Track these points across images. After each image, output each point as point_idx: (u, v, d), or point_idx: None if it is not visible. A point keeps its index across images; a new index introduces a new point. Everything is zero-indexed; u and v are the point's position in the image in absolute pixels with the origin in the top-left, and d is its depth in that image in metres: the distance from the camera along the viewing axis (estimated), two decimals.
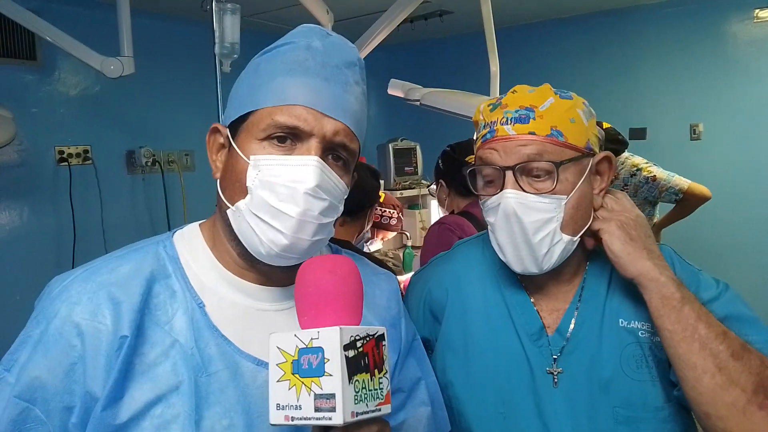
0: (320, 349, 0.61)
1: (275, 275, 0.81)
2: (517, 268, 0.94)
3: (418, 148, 3.77)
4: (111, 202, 3.51)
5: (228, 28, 1.64)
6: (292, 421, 0.62)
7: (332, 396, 0.59)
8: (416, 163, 3.74)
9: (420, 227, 3.55)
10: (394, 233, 2.77)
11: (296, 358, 0.63)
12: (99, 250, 3.35)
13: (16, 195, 3.21)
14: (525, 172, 0.90)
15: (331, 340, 0.61)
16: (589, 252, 0.99)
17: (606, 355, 0.93)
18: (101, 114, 3.53)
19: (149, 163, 3.64)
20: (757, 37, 4.01)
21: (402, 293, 1.02)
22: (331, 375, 0.60)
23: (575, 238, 0.92)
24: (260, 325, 0.79)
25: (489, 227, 0.96)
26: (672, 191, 3.23)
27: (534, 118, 0.90)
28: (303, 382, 0.62)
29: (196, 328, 0.75)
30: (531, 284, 1.01)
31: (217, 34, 1.67)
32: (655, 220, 3.46)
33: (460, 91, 2.19)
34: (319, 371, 0.61)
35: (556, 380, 0.94)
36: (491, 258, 1.04)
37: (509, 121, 0.91)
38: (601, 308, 0.96)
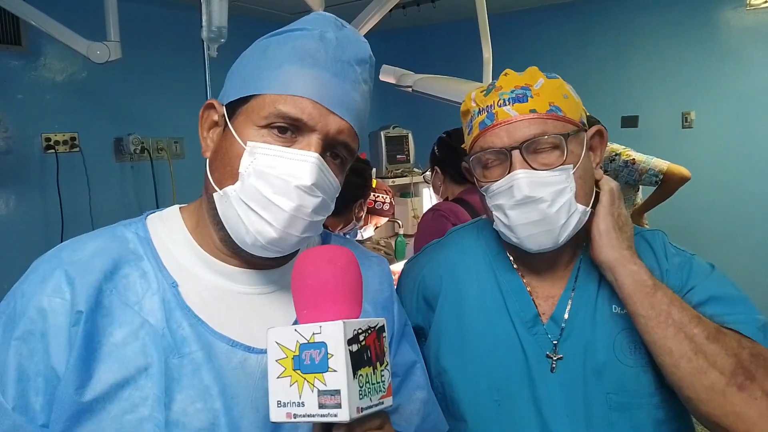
0: (323, 344, 0.59)
1: (257, 260, 0.79)
2: (532, 246, 0.92)
3: (410, 135, 3.75)
4: (99, 190, 3.47)
5: (215, 12, 1.61)
6: (295, 418, 0.60)
7: (337, 392, 0.58)
8: (408, 150, 3.72)
9: (412, 215, 3.54)
10: (386, 219, 2.77)
11: (297, 353, 0.61)
12: None
13: (2, 183, 3.17)
14: (531, 149, 0.89)
15: (334, 334, 0.59)
16: (583, 238, 0.98)
17: (600, 341, 0.93)
18: (88, 101, 3.48)
19: (138, 151, 3.60)
20: (749, 24, 4.01)
21: (394, 282, 1.01)
22: (335, 371, 0.58)
23: (588, 209, 0.93)
24: (239, 308, 0.77)
25: (495, 211, 0.94)
26: (652, 173, 3.26)
27: (531, 96, 0.90)
28: (305, 379, 0.60)
29: (168, 309, 0.73)
30: (526, 270, 1.01)
31: (204, 18, 1.63)
32: (638, 202, 3.49)
33: (452, 77, 2.16)
34: (322, 367, 0.59)
35: (554, 366, 0.94)
36: (485, 244, 1.04)
37: (507, 102, 0.91)
38: (594, 294, 0.96)
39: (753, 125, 4.03)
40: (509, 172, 0.89)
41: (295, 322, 0.73)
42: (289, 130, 0.73)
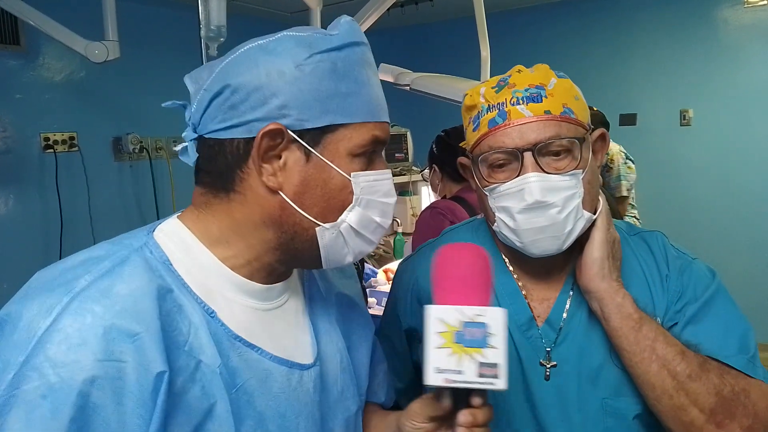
0: (484, 325, 0.69)
1: (278, 272, 0.78)
2: (536, 251, 0.90)
3: (408, 134, 3.75)
4: (98, 189, 3.47)
5: (214, 11, 1.61)
6: (453, 383, 0.68)
7: (495, 365, 0.68)
8: (407, 149, 3.72)
9: (411, 214, 3.55)
10: None
11: (459, 329, 0.69)
12: (86, 238, 3.32)
13: (1, 183, 3.17)
14: (543, 152, 0.87)
15: (497, 318, 0.69)
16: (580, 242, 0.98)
17: (595, 344, 0.91)
18: (87, 100, 3.49)
19: (136, 150, 3.60)
20: (747, 22, 4.02)
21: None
22: (495, 348, 0.68)
23: (593, 216, 0.90)
24: (270, 326, 0.76)
25: (499, 213, 0.91)
26: (612, 186, 3.35)
27: (546, 97, 0.87)
28: (466, 351, 0.68)
29: (217, 342, 0.67)
30: (521, 272, 0.99)
31: (202, 17, 1.64)
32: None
33: (450, 75, 2.17)
34: (482, 343, 0.68)
35: (548, 373, 0.93)
36: (480, 245, 1.02)
37: (521, 101, 0.87)
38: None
39: (751, 123, 4.04)
40: (519, 175, 0.87)
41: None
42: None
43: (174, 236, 0.72)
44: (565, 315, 0.94)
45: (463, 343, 0.69)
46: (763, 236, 4.05)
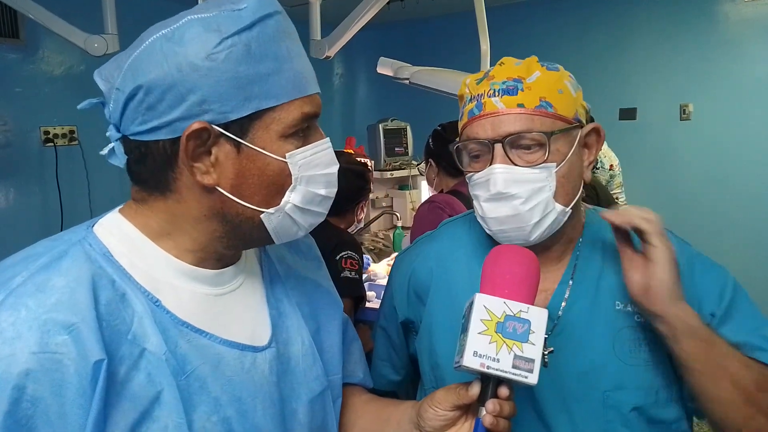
0: (527, 321, 0.72)
1: (228, 256, 0.77)
2: (502, 240, 0.92)
3: (408, 128, 3.75)
4: (98, 183, 3.48)
5: None
6: (487, 369, 0.70)
7: (532, 360, 0.71)
8: (407, 143, 3.72)
9: (410, 208, 3.55)
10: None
11: (501, 320, 0.72)
12: None
13: (2, 177, 3.18)
14: (514, 145, 0.88)
15: (539, 318, 0.72)
16: (580, 229, 0.97)
17: (598, 338, 0.91)
18: (87, 93, 3.45)
19: None
20: (748, 16, 4.01)
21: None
22: (533, 344, 0.71)
23: (567, 209, 0.90)
24: (223, 310, 0.75)
25: (474, 201, 0.94)
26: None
27: (522, 90, 0.88)
28: (505, 342, 0.71)
29: (162, 329, 0.67)
30: None
31: None
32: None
33: (449, 69, 2.17)
34: (522, 338, 0.71)
35: (546, 360, 0.92)
36: (477, 237, 1.02)
37: (497, 93, 0.89)
38: (593, 289, 0.94)
39: (751, 117, 4.03)
40: (490, 165, 0.89)
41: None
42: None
43: (115, 229, 0.72)
44: (564, 304, 0.94)
45: (503, 334, 0.71)
46: (762, 230, 4.05)
